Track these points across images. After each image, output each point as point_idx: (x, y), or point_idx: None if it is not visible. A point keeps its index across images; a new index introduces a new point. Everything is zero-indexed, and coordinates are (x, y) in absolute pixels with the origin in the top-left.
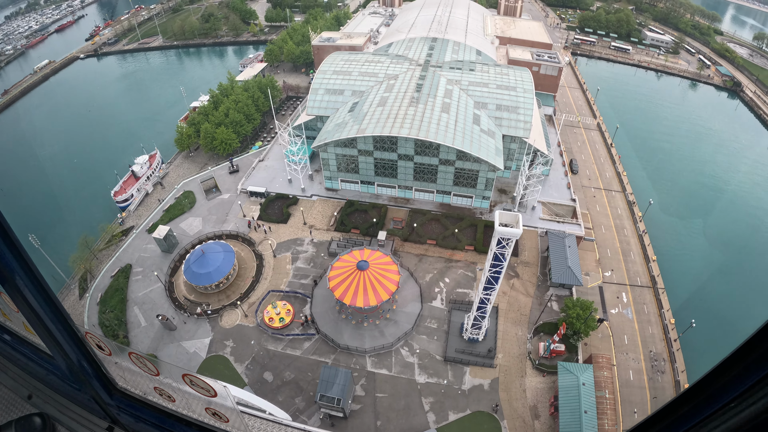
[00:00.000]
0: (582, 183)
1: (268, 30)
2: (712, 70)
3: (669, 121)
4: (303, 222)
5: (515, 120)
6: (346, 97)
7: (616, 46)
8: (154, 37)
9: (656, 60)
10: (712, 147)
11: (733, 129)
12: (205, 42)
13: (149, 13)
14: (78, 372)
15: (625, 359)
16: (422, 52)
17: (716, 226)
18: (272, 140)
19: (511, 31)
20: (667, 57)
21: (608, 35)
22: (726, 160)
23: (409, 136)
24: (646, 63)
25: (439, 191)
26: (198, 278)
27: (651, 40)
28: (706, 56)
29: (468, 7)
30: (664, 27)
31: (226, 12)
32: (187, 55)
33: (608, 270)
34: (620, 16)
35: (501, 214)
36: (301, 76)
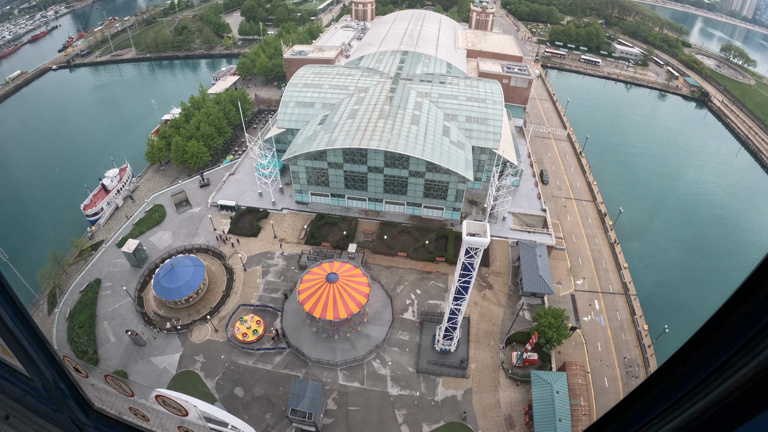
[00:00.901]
0: (553, 193)
1: (241, 43)
2: (680, 81)
3: (638, 131)
4: (273, 235)
5: (485, 131)
6: (316, 109)
7: (586, 59)
8: (127, 49)
9: (625, 72)
10: (681, 156)
11: (702, 138)
12: (178, 54)
13: (123, 24)
14: (55, 393)
15: (600, 366)
16: (393, 65)
17: (686, 233)
18: (243, 154)
19: (482, 45)
20: (636, 69)
21: (578, 48)
22: (695, 168)
23: (379, 148)
24: (615, 75)
25: (409, 203)
26: (167, 293)
27: (620, 53)
28: (674, 68)
29: (439, 21)
30: (633, 40)
31: (200, 25)
32: (160, 67)
33: (580, 278)
34: (590, 30)
35: (469, 224)
36: (273, 89)
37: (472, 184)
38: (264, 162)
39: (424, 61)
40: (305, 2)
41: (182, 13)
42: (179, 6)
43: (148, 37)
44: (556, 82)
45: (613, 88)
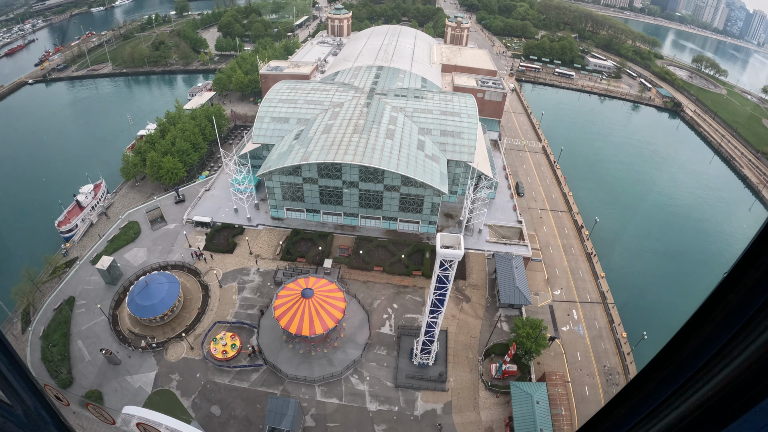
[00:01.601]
0: (528, 205)
1: (218, 59)
2: (653, 92)
3: (613, 142)
4: (249, 252)
5: (459, 145)
6: (291, 125)
7: (560, 72)
8: (103, 64)
9: (599, 84)
10: (655, 165)
11: (675, 147)
12: (154, 70)
13: (100, 39)
14: (37, 420)
15: (580, 375)
16: (368, 80)
17: (662, 240)
18: (219, 169)
19: (456, 59)
20: (609, 81)
21: (552, 62)
22: (669, 177)
23: (353, 162)
24: (589, 87)
25: (385, 218)
26: (142, 310)
27: (594, 66)
28: (647, 79)
29: (415, 37)
30: (607, 53)
31: (177, 40)
32: (137, 82)
33: (557, 288)
34: (564, 44)
35: (442, 236)
36: (249, 105)
37: (448, 198)
38: (239, 178)
39: (399, 76)
40: (282, 18)
41: (160, 28)
42: (157, 21)
43: (125, 52)
44: (530, 95)
45: (587, 100)
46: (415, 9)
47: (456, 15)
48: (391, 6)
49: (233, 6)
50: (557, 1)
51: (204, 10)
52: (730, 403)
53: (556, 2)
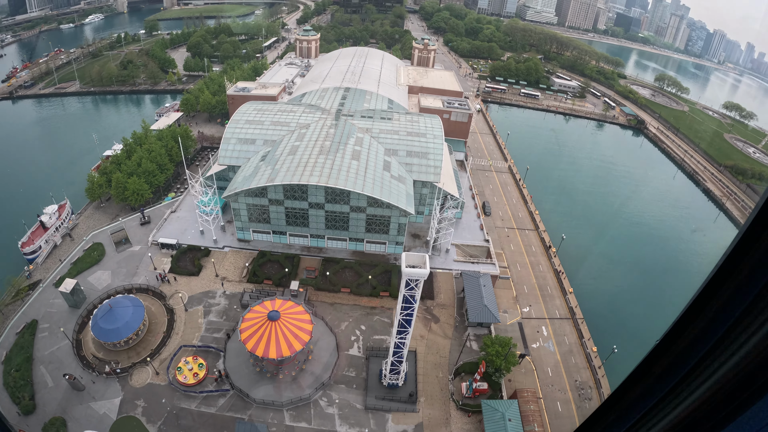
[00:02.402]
0: (495, 224)
1: (186, 79)
2: (617, 110)
3: (578, 160)
4: (215, 274)
5: (425, 165)
6: (258, 146)
7: (526, 93)
8: (71, 82)
9: (564, 104)
10: (620, 181)
11: (640, 164)
12: (122, 89)
13: (68, 56)
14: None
15: (551, 391)
16: (335, 102)
17: (628, 255)
18: (185, 191)
19: (423, 81)
20: (574, 101)
21: (518, 83)
22: (634, 192)
23: (319, 184)
24: (554, 107)
25: (351, 239)
26: (106, 334)
27: (559, 86)
28: (611, 98)
29: (382, 58)
30: (571, 73)
31: (146, 60)
32: (104, 102)
33: (526, 306)
34: (529, 65)
35: (407, 256)
36: (216, 126)
37: (415, 218)
38: (205, 199)
39: (366, 97)
40: (251, 39)
41: (129, 47)
42: (126, 40)
43: (93, 70)
44: (496, 115)
45: (552, 119)
46: (383, 31)
47: (423, 37)
48: (360, 28)
49: (203, 26)
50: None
51: (174, 30)
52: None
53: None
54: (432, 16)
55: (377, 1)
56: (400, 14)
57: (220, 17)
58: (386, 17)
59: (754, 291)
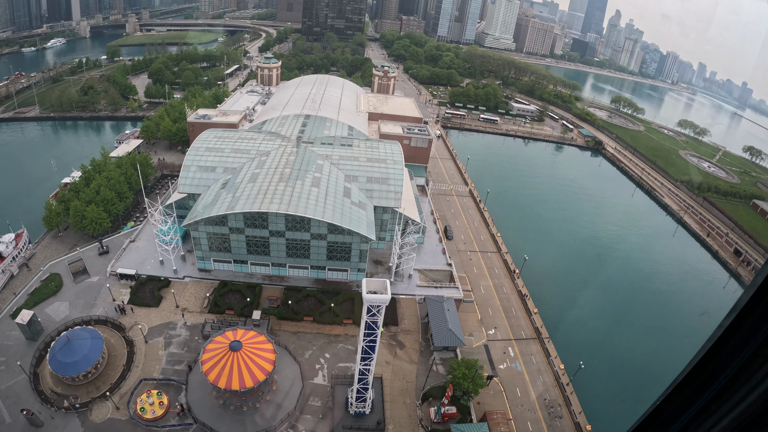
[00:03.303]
0: (458, 248)
1: (147, 106)
2: (575, 132)
3: (539, 182)
4: (175, 305)
5: (386, 191)
6: (218, 174)
7: (485, 118)
8: (31, 107)
9: (523, 128)
10: (580, 201)
11: (599, 183)
12: (82, 115)
13: (29, 81)
14: None
15: (521, 411)
16: (295, 129)
17: (590, 272)
18: (144, 220)
19: (383, 108)
20: (533, 124)
21: (477, 108)
22: (594, 210)
23: (279, 211)
24: (513, 131)
25: (313, 267)
26: (64, 368)
27: (517, 111)
28: (569, 121)
29: (342, 86)
30: (530, 98)
31: (107, 86)
32: (64, 128)
33: (492, 328)
34: (488, 91)
35: (368, 282)
36: (177, 153)
37: (376, 244)
38: (165, 228)
39: (326, 124)
40: (213, 67)
41: (90, 72)
42: (87, 65)
43: (54, 95)
44: (456, 141)
45: (512, 143)
46: (344, 59)
47: (383, 65)
48: (321, 56)
49: (165, 53)
50: (481, 50)
51: (135, 56)
52: None
53: (480, 51)
54: (392, 44)
55: (338, 30)
56: (360, 42)
57: (182, 44)
58: (347, 45)
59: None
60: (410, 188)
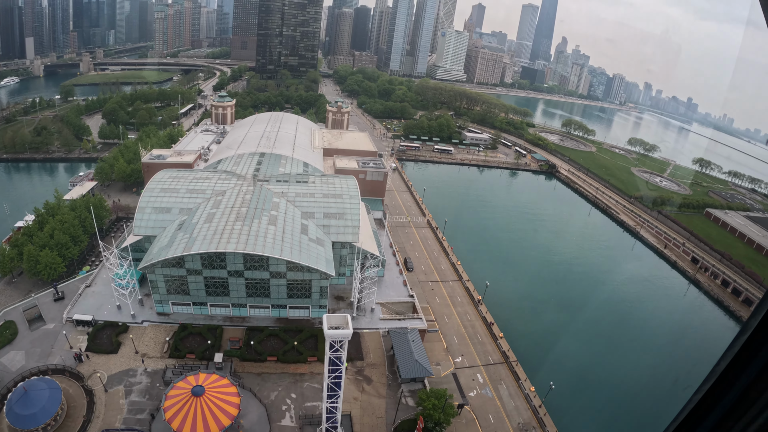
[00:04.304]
0: (419, 278)
1: (101, 147)
2: (528, 158)
3: (495, 208)
4: (135, 351)
5: (343, 226)
6: (173, 215)
7: (440, 149)
8: None
9: (477, 156)
10: (538, 224)
11: (555, 205)
12: (35, 157)
13: None
14: None
15: None
16: (250, 167)
17: (552, 293)
18: (100, 264)
19: (338, 143)
20: (486, 152)
21: (432, 139)
22: (552, 232)
23: (237, 251)
24: (468, 160)
25: (274, 305)
26: (22, 421)
27: (471, 140)
28: (522, 147)
29: (297, 123)
30: (482, 126)
31: (60, 126)
32: (17, 170)
33: (458, 356)
34: (441, 122)
35: (329, 318)
36: (131, 195)
37: (337, 280)
38: (121, 272)
39: (281, 161)
40: (167, 106)
41: (43, 112)
42: (41, 105)
43: (6, 136)
44: (412, 172)
45: (467, 172)
46: (298, 96)
47: (337, 100)
48: (275, 93)
49: (119, 93)
50: (433, 82)
51: (89, 96)
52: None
53: (432, 84)
54: (345, 79)
55: (292, 67)
56: (314, 79)
57: (136, 83)
58: (301, 82)
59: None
60: (368, 222)
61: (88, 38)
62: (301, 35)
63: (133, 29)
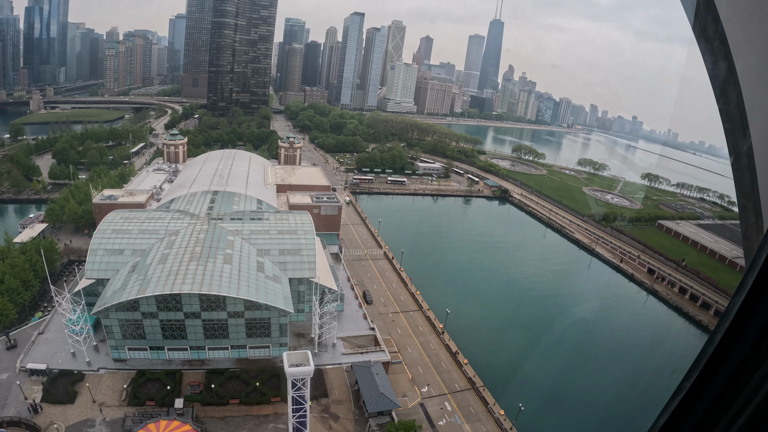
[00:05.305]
0: (379, 311)
1: (51, 187)
2: (481, 184)
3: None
4: (92, 400)
5: (299, 262)
6: (126, 256)
7: (393, 180)
8: None
9: (430, 186)
10: (494, 248)
11: (510, 229)
12: None
13: None
14: None
15: None
16: (204, 206)
17: (515, 315)
18: (52, 310)
19: (291, 179)
20: (439, 181)
21: (384, 171)
22: (509, 256)
23: (192, 291)
24: (422, 190)
25: (233, 346)
26: None
27: (424, 170)
28: (474, 174)
29: (249, 159)
30: (434, 156)
31: (9, 166)
32: None
33: (424, 386)
34: (393, 153)
35: (290, 355)
36: (83, 237)
37: (296, 317)
38: (74, 317)
39: (235, 199)
40: (118, 145)
41: None
42: None
43: None
44: (367, 205)
45: (421, 202)
46: (250, 133)
47: (289, 136)
48: (227, 131)
49: (69, 132)
50: (384, 115)
51: (39, 135)
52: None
53: (383, 116)
54: (297, 115)
55: (244, 104)
56: (266, 115)
57: (87, 122)
58: (253, 119)
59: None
60: (324, 257)
61: (38, 75)
62: (253, 72)
63: (84, 66)
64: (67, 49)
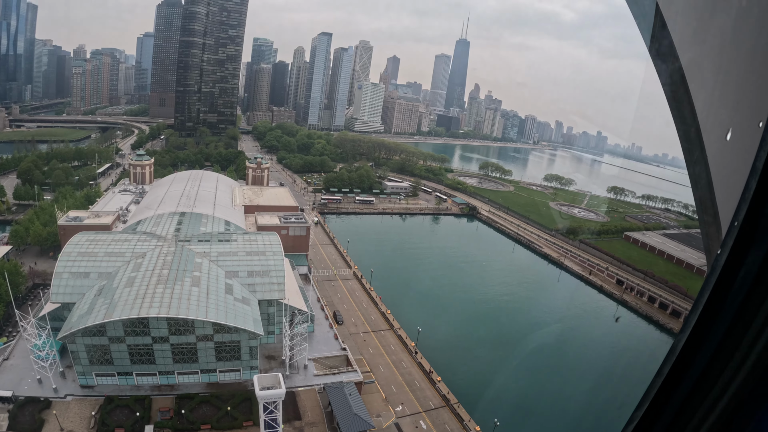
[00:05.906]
0: (350, 331)
1: (15, 208)
2: (449, 202)
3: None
4: (60, 428)
5: (268, 283)
6: (92, 280)
7: (361, 200)
8: None
9: (399, 204)
10: (464, 265)
11: (479, 245)
12: None
13: None
14: None
15: None
16: (170, 228)
17: (486, 330)
18: (18, 335)
19: (259, 199)
20: (408, 200)
21: (352, 191)
22: (479, 272)
23: (160, 315)
24: (390, 209)
25: (203, 370)
26: None
27: (392, 189)
28: (442, 192)
29: (216, 180)
30: (402, 175)
31: None
32: None
33: (398, 405)
34: (361, 173)
35: (260, 378)
36: (49, 260)
37: (266, 339)
38: (39, 343)
39: (202, 221)
40: (84, 165)
41: None
42: None
43: None
44: (335, 225)
45: (389, 221)
46: (218, 153)
47: (256, 156)
48: (194, 151)
49: (34, 151)
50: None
51: (4, 154)
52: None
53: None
54: (265, 135)
55: (211, 124)
56: (233, 135)
57: (52, 141)
58: (220, 139)
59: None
60: (293, 278)
61: (3, 93)
62: (220, 92)
63: (51, 84)
64: (33, 66)
